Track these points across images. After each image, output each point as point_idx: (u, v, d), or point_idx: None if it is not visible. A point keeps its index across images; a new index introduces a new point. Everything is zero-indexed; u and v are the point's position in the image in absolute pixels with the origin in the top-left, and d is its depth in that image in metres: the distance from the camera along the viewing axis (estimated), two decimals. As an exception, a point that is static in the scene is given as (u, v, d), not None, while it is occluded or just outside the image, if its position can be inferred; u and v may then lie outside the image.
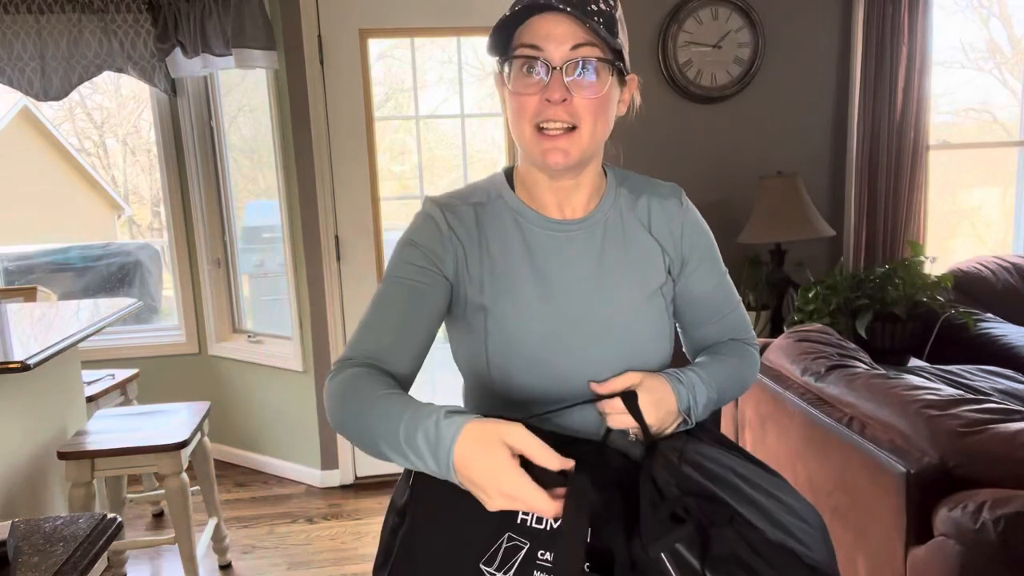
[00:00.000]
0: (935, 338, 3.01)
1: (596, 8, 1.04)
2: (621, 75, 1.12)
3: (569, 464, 0.91)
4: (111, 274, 5.29)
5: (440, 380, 3.63)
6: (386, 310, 1.15)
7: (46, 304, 3.29)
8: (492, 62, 1.16)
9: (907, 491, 1.60)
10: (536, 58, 1.05)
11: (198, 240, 4.01)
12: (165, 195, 4.03)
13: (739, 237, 3.44)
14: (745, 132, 3.78)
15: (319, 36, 3.44)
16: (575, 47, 1.04)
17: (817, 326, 2.36)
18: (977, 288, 3.60)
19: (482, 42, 3.64)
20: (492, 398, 1.19)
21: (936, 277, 3.06)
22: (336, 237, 3.59)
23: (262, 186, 4.07)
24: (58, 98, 3.71)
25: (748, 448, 2.36)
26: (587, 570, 0.97)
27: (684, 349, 1.36)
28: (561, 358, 1.15)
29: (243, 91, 3.95)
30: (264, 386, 3.92)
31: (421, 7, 3.47)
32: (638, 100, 1.20)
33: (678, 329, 1.33)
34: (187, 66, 3.64)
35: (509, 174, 1.24)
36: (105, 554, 2.12)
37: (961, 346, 3.07)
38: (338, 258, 3.60)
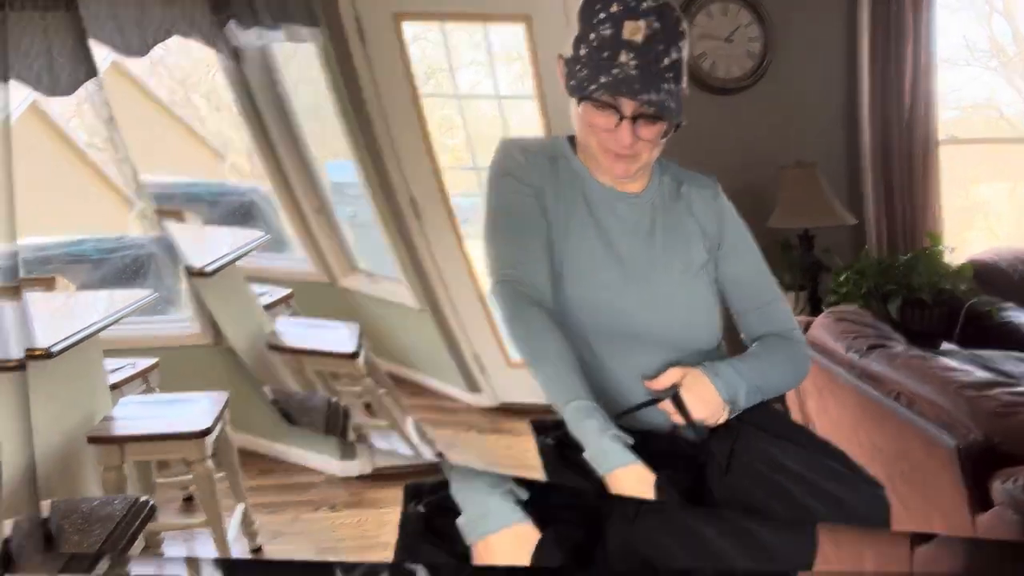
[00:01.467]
0: (962, 324, 3.03)
1: (668, 63, 1.17)
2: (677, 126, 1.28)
3: None
4: (126, 266, 5.26)
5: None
6: (521, 238, 1.25)
7: (66, 293, 3.29)
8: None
9: (960, 463, 1.62)
10: (612, 107, 1.17)
11: (296, 189, 3.91)
12: (254, 148, 3.95)
13: (769, 222, 3.44)
14: (762, 123, 3.78)
15: (356, 17, 3.42)
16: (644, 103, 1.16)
17: (853, 308, 2.37)
18: (995, 278, 3.62)
19: (511, 29, 3.62)
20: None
21: (956, 267, 3.08)
22: (411, 198, 3.52)
23: (333, 149, 4.03)
24: (66, 93, 3.69)
25: (812, 417, 2.35)
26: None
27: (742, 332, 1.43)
28: (633, 310, 1.25)
29: (297, 63, 3.92)
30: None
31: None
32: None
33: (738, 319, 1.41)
34: (244, 36, 3.62)
35: (572, 140, 1.33)
36: (142, 534, 2.12)
37: (986, 333, 3.09)
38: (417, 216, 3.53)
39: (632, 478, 1.09)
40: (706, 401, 1.19)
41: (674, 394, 1.20)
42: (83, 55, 3.75)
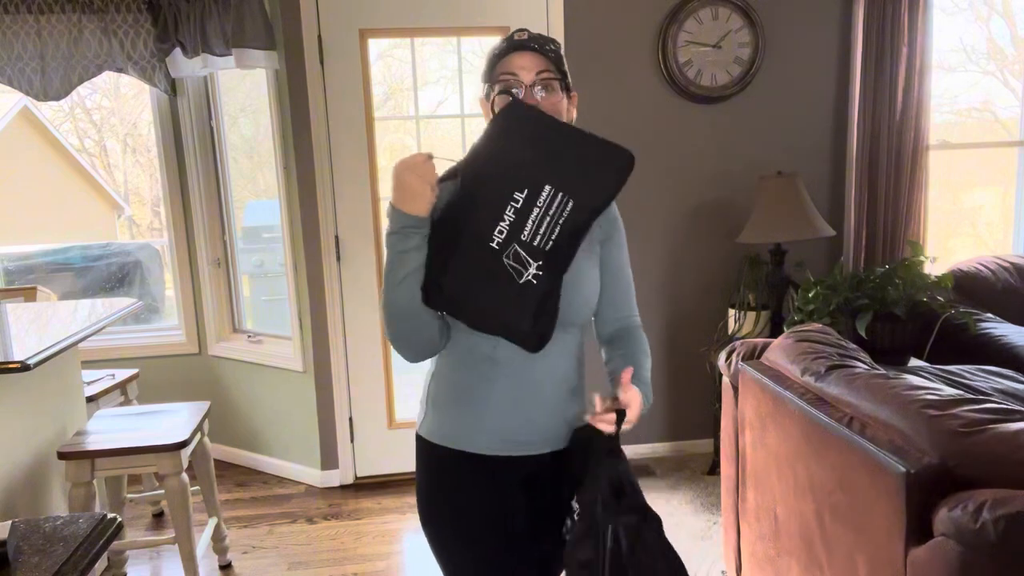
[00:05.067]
0: (935, 338, 3.01)
1: (549, 48, 1.50)
2: (567, 90, 1.53)
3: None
4: (111, 274, 5.29)
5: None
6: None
7: (46, 304, 3.29)
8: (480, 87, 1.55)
9: (907, 491, 1.60)
10: (515, 80, 1.48)
11: (198, 240, 4.01)
12: (165, 195, 4.03)
13: (739, 237, 3.44)
14: (745, 132, 3.78)
15: (319, 36, 3.44)
16: (538, 73, 1.48)
17: (817, 326, 2.36)
18: (977, 288, 3.60)
19: (481, 42, 3.64)
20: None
21: (936, 277, 3.06)
22: (336, 237, 3.59)
23: (262, 186, 4.07)
24: (58, 98, 3.71)
25: (747, 448, 2.36)
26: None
27: (594, 318, 1.64)
28: None
29: (243, 91, 3.95)
30: (264, 386, 3.93)
31: (421, 7, 3.47)
32: (574, 115, 1.58)
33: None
34: (187, 66, 3.64)
35: None
36: (105, 554, 2.11)
37: (961, 346, 3.07)
38: (338, 258, 3.60)
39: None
40: (636, 415, 1.42)
41: (622, 411, 1.38)
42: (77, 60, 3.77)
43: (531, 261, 1.36)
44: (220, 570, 3.06)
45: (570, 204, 1.37)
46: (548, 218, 1.36)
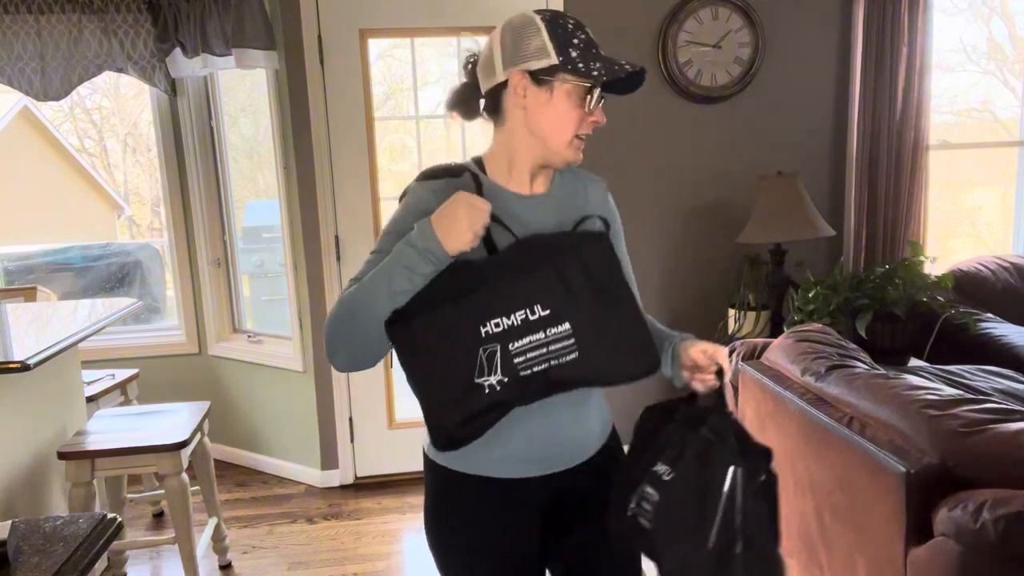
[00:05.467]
0: (935, 338, 3.01)
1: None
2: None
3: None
4: (111, 274, 5.29)
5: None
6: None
7: (46, 304, 3.29)
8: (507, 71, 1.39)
9: (907, 491, 1.60)
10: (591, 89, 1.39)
11: (198, 240, 4.01)
12: (165, 195, 4.03)
13: (739, 237, 3.44)
14: (745, 132, 3.78)
15: (319, 36, 3.44)
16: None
17: (817, 326, 2.36)
18: (977, 288, 3.60)
19: (479, 42, 3.63)
20: None
21: (936, 277, 3.06)
22: (336, 237, 3.59)
23: (262, 186, 4.07)
24: (58, 98, 3.71)
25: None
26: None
27: None
28: None
29: (243, 91, 3.95)
30: (264, 386, 3.92)
31: (421, 7, 3.47)
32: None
33: None
34: (187, 66, 3.64)
35: (479, 162, 1.47)
36: (105, 554, 2.11)
37: (961, 346, 3.07)
38: (338, 258, 3.60)
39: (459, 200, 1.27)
40: (727, 361, 1.39)
41: (721, 370, 1.36)
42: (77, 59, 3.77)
43: (499, 372, 1.25)
44: (220, 570, 3.06)
45: (572, 356, 1.26)
46: (544, 351, 1.25)
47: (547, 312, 1.25)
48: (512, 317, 1.24)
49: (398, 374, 3.84)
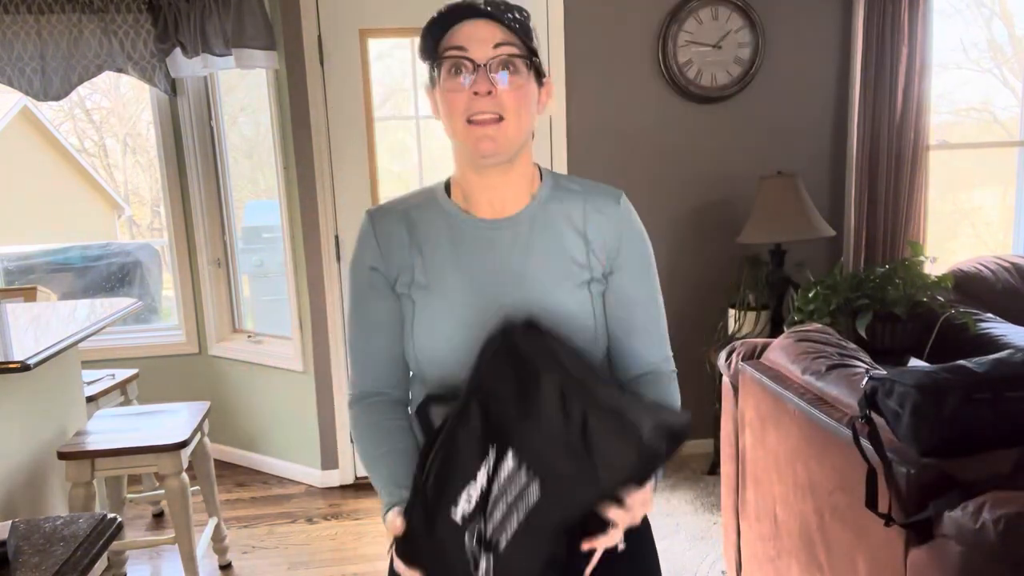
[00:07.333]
0: (935, 338, 3.01)
1: (512, 16, 1.15)
2: (538, 74, 1.21)
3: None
4: (111, 274, 5.30)
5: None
6: (371, 342, 1.31)
7: (46, 304, 3.30)
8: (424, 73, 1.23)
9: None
10: (463, 58, 1.14)
11: (198, 240, 4.02)
12: (165, 195, 4.04)
13: (739, 237, 3.44)
14: (745, 132, 3.78)
15: (319, 36, 3.44)
16: (496, 46, 1.14)
17: (817, 326, 2.36)
18: (977, 288, 3.59)
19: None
20: (423, 384, 1.28)
21: (936, 277, 3.05)
22: (336, 237, 3.59)
23: (262, 186, 4.07)
24: (58, 98, 3.71)
25: (747, 448, 2.36)
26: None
27: (612, 362, 1.34)
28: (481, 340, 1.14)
29: (243, 91, 3.95)
30: (264, 386, 3.92)
31: (421, 7, 3.46)
32: (553, 108, 1.30)
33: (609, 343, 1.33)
34: (187, 66, 3.64)
35: (447, 184, 1.31)
36: (105, 554, 2.11)
37: (961, 346, 3.06)
38: (338, 258, 3.60)
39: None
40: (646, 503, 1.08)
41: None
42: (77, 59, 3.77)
43: (486, 555, 0.99)
44: (220, 570, 3.06)
45: (534, 489, 0.96)
46: (504, 502, 0.97)
47: (493, 448, 1.01)
48: (477, 478, 1.01)
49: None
